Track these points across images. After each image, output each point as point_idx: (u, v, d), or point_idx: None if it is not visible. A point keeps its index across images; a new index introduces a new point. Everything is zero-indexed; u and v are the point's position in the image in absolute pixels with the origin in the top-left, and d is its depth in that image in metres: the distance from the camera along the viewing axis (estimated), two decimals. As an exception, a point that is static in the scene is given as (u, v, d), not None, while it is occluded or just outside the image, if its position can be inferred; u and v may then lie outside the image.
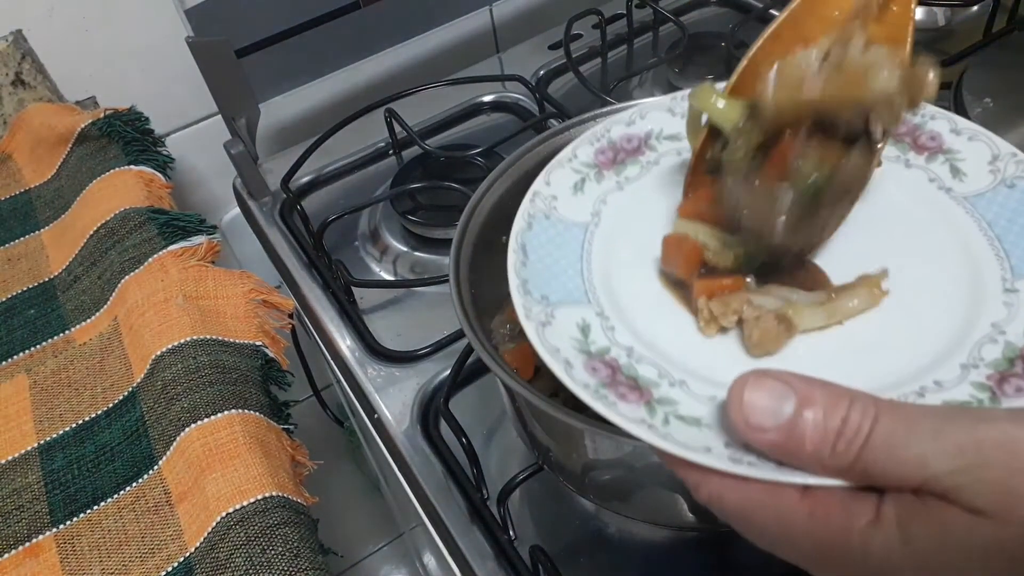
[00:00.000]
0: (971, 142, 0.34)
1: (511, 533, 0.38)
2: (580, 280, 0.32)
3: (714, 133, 0.32)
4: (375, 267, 0.54)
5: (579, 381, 0.26)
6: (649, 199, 0.35)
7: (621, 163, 0.36)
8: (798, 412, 0.21)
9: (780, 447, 0.21)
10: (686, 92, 0.37)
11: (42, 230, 0.54)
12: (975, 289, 0.29)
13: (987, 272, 0.30)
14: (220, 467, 0.38)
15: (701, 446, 0.24)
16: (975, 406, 0.25)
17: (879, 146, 0.29)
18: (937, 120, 0.35)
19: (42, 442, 0.42)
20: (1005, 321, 0.28)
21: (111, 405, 0.43)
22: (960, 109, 0.47)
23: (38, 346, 0.47)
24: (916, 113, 0.35)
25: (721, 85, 0.32)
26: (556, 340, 0.28)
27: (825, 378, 0.23)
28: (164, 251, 0.48)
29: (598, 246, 0.33)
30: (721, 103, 0.31)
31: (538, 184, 0.35)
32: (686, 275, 0.31)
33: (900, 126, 0.33)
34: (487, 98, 0.64)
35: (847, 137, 0.29)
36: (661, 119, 0.37)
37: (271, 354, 0.45)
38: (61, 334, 0.47)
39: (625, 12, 0.65)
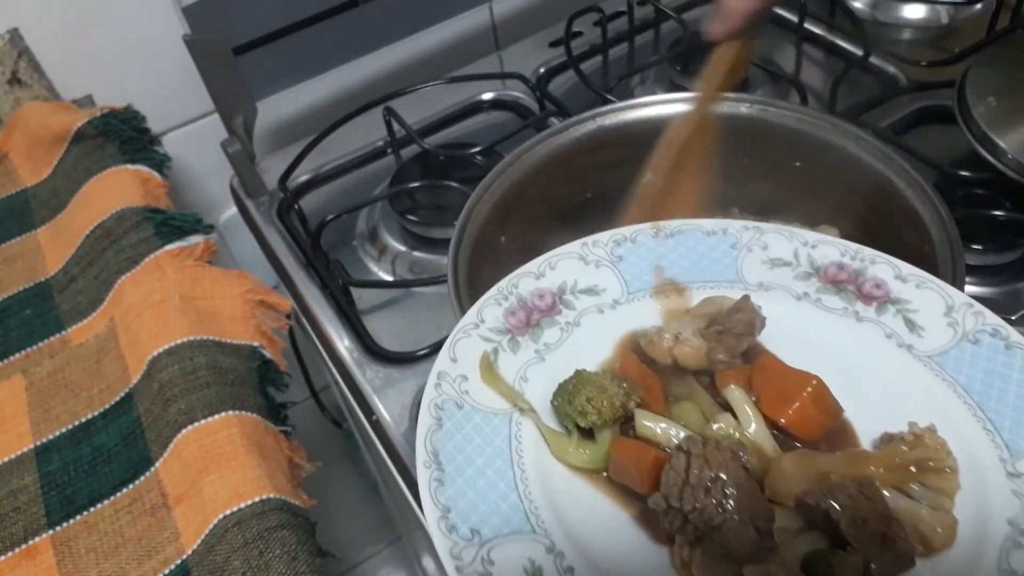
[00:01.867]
0: (920, 290, 0.31)
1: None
2: (517, 496, 0.25)
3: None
4: (373, 267, 0.54)
5: None
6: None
7: (536, 325, 0.31)
8: None
9: None
10: (595, 238, 0.34)
11: (38, 230, 0.54)
12: (976, 476, 0.26)
13: (983, 454, 0.26)
14: (217, 469, 0.37)
15: None
16: None
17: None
18: (879, 265, 0.32)
19: (38, 444, 0.41)
20: (1021, 517, 0.24)
21: (107, 406, 0.42)
22: (963, 108, 0.47)
23: (34, 347, 0.47)
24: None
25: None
26: None
27: None
28: (161, 251, 0.48)
29: (530, 441, 0.27)
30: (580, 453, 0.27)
31: (441, 362, 0.29)
32: (646, 491, 0.26)
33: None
34: (487, 96, 0.64)
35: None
36: (573, 269, 0.33)
37: (268, 355, 0.45)
38: (57, 335, 0.47)
39: (626, 9, 0.65)
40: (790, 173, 0.42)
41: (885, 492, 0.25)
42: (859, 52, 0.57)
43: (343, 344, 0.48)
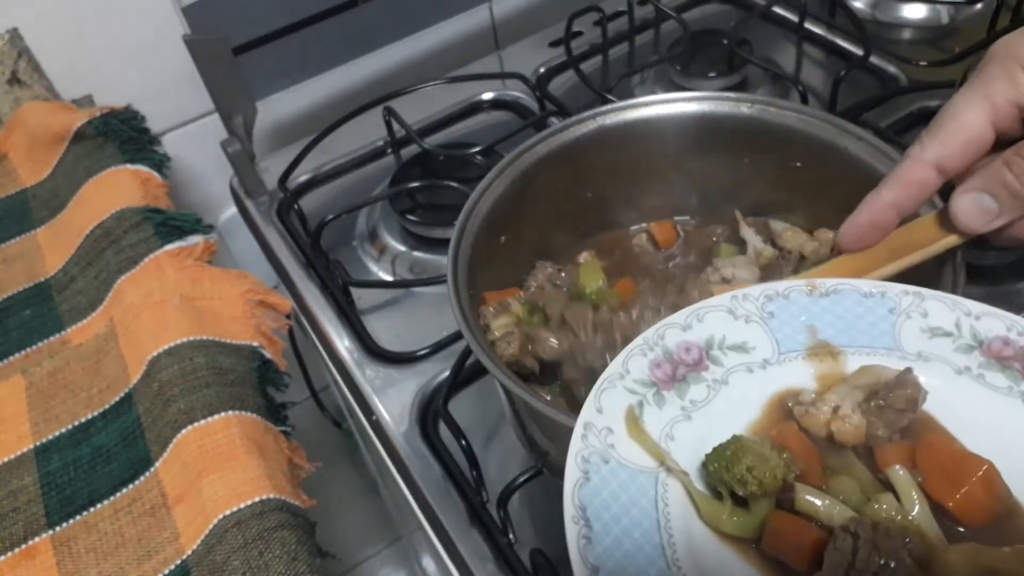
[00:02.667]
0: None
1: (511, 536, 0.37)
2: (664, 562, 0.24)
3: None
4: (373, 267, 0.54)
5: None
6: (726, 433, 0.28)
7: (682, 380, 0.30)
8: None
9: None
10: (745, 292, 0.32)
11: (38, 230, 0.54)
12: None
13: None
14: (217, 469, 0.37)
15: None
16: None
17: None
18: None
19: (38, 444, 0.41)
20: None
21: (107, 407, 0.42)
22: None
23: (34, 347, 0.47)
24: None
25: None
26: None
27: None
28: (160, 251, 0.48)
29: (677, 504, 0.26)
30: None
31: (587, 413, 0.27)
32: (804, 568, 0.25)
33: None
34: (487, 96, 0.64)
35: None
36: (722, 322, 0.31)
37: (268, 355, 0.45)
38: (57, 335, 0.47)
39: (626, 9, 0.65)
40: (790, 173, 0.42)
41: None
42: (859, 52, 0.57)
43: (343, 344, 0.48)
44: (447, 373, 0.44)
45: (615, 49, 0.65)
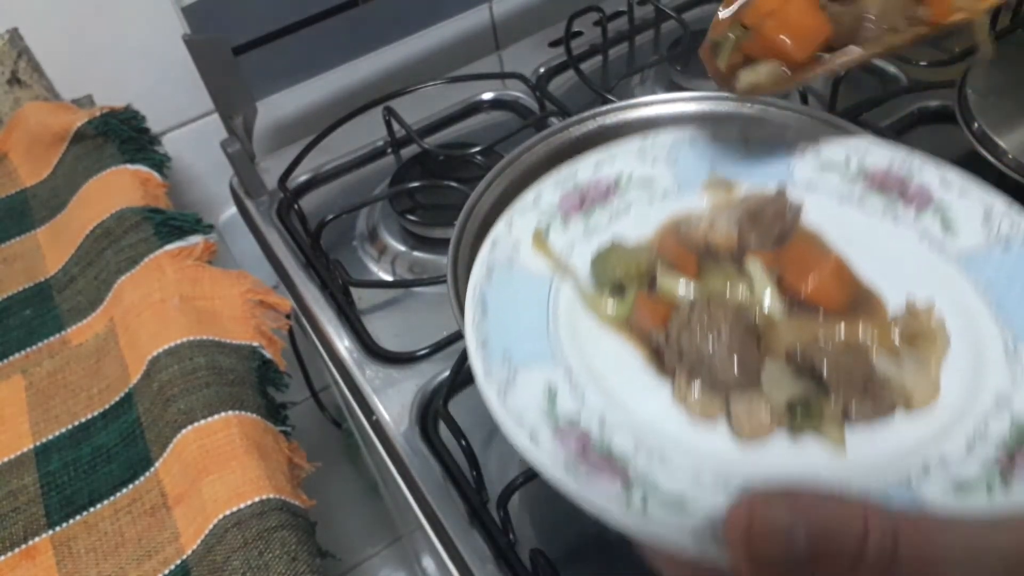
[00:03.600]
0: (963, 198, 0.33)
1: (511, 536, 0.37)
2: (546, 338, 0.29)
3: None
4: (373, 267, 0.54)
5: (545, 455, 0.24)
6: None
7: (589, 209, 0.35)
8: (812, 542, 0.19)
9: None
10: (655, 136, 0.37)
11: (38, 229, 0.54)
12: (975, 354, 0.28)
13: (987, 337, 0.28)
14: (217, 469, 0.37)
15: (685, 532, 0.22)
16: (985, 488, 0.23)
17: None
18: (926, 171, 0.34)
19: (38, 444, 0.41)
20: (1010, 391, 0.26)
21: (107, 407, 0.42)
22: (964, 108, 0.47)
23: (34, 347, 0.47)
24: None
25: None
26: (520, 406, 0.26)
27: (813, 455, 0.22)
28: (160, 251, 0.48)
29: (565, 300, 0.31)
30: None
31: (499, 230, 0.33)
32: (654, 327, 0.29)
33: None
34: (486, 96, 0.64)
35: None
36: (631, 163, 0.36)
37: (268, 355, 0.45)
38: (57, 335, 0.47)
39: (626, 9, 0.65)
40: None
41: (874, 352, 0.28)
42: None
43: (343, 344, 0.48)
44: (447, 373, 0.44)
45: (615, 49, 0.65)
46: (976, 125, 0.45)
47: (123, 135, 0.55)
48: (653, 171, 0.36)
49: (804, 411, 0.26)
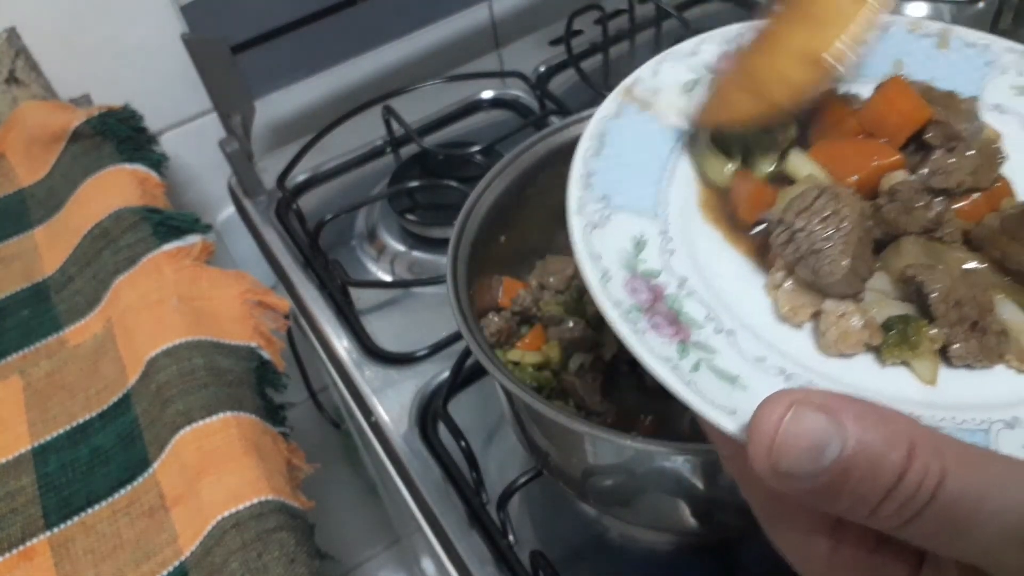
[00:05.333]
0: None
1: (511, 538, 0.37)
2: (654, 190, 0.27)
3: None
4: (372, 267, 0.53)
5: (611, 297, 0.23)
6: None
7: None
8: (842, 461, 0.16)
9: (811, 496, 0.17)
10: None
11: (35, 229, 0.54)
12: None
13: None
14: (215, 470, 0.37)
15: (726, 407, 0.20)
16: None
17: None
18: None
19: (36, 445, 0.41)
20: None
21: (105, 407, 0.42)
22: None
23: (32, 347, 0.46)
24: None
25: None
26: (602, 246, 0.24)
27: (896, 383, 0.20)
28: (158, 251, 0.47)
29: (686, 162, 0.28)
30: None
31: (644, 70, 0.30)
32: (747, 218, 0.26)
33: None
34: (486, 95, 0.63)
35: None
36: None
37: (266, 356, 0.45)
38: (55, 335, 0.47)
39: (627, 7, 0.64)
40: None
41: (1001, 298, 0.25)
42: (861, 50, 0.57)
43: (342, 345, 0.48)
44: (446, 374, 0.44)
45: (616, 48, 0.65)
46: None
47: (121, 134, 0.55)
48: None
49: (900, 335, 0.23)
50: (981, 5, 0.61)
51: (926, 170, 0.27)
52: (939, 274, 0.24)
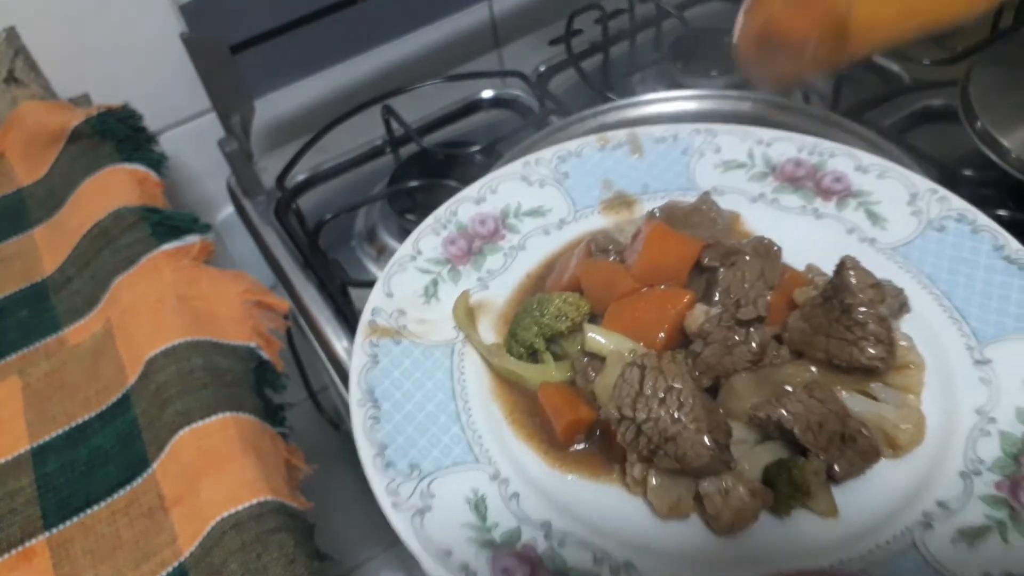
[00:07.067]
0: (881, 180, 0.30)
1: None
2: (459, 429, 0.24)
3: None
4: (372, 267, 0.53)
5: None
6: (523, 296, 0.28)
7: (479, 253, 0.30)
8: None
9: None
10: (538, 156, 0.32)
11: (34, 229, 0.53)
12: (942, 367, 0.25)
13: (948, 342, 0.26)
14: (214, 471, 0.37)
15: None
16: (997, 530, 0.20)
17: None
18: (838, 158, 0.31)
19: (35, 445, 0.41)
20: (989, 404, 0.24)
21: (104, 408, 0.42)
22: (967, 106, 0.46)
23: (30, 347, 0.46)
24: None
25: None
26: (444, 535, 0.22)
27: (805, 532, 0.19)
28: (157, 251, 0.47)
29: (474, 373, 0.26)
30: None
31: (376, 298, 0.28)
32: (568, 442, 0.25)
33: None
34: (486, 94, 0.63)
35: None
36: (516, 191, 0.32)
37: (266, 356, 0.45)
38: (54, 335, 0.47)
39: (627, 7, 0.64)
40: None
41: (846, 395, 0.24)
42: (861, 50, 0.57)
43: (341, 345, 0.48)
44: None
45: (616, 47, 0.65)
46: (979, 124, 0.45)
47: (120, 134, 0.55)
48: (543, 196, 0.32)
49: (788, 486, 0.22)
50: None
51: (716, 298, 0.26)
52: (790, 403, 0.23)
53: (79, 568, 0.36)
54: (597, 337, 0.26)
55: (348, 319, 0.49)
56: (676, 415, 0.22)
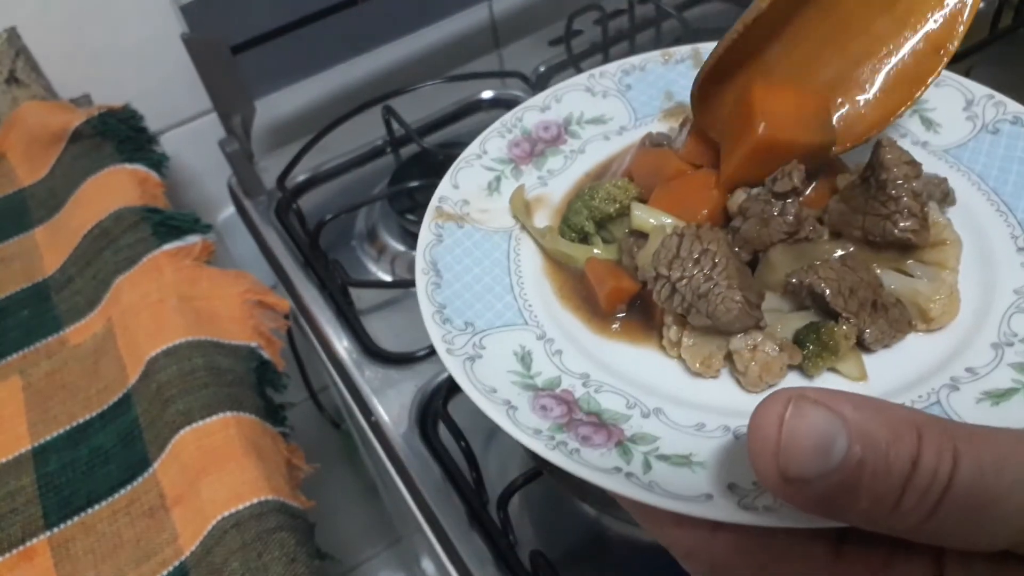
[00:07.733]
0: (939, 89, 0.30)
1: (511, 538, 0.37)
2: (512, 298, 0.26)
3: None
4: (372, 267, 0.53)
5: (527, 427, 0.21)
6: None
7: (540, 155, 0.31)
8: (852, 455, 0.15)
9: (827, 504, 0.15)
10: (602, 69, 0.33)
11: (36, 229, 0.54)
12: (984, 252, 0.25)
13: (992, 231, 0.26)
14: (215, 470, 0.37)
15: (698, 493, 0.19)
16: (1021, 391, 0.21)
17: None
18: None
19: (36, 444, 0.41)
20: None
21: (105, 407, 0.42)
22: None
23: (32, 347, 0.46)
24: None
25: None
26: (490, 377, 0.23)
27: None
28: (158, 251, 0.48)
29: (528, 255, 0.28)
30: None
31: (443, 188, 0.30)
32: (609, 310, 0.26)
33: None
34: (486, 95, 0.63)
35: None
36: (580, 101, 0.32)
37: (266, 356, 0.45)
38: (55, 335, 0.47)
39: (627, 7, 0.64)
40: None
41: (880, 272, 0.25)
42: (861, 50, 0.57)
43: (342, 345, 0.48)
44: (446, 374, 0.44)
45: (616, 48, 0.65)
46: (978, 124, 0.45)
47: (121, 134, 0.55)
48: (605, 106, 0.33)
49: (817, 345, 0.23)
50: (981, 4, 0.61)
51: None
52: (823, 270, 0.24)
53: (80, 567, 0.36)
54: (641, 214, 0.27)
55: (348, 319, 0.49)
56: (709, 273, 0.24)
